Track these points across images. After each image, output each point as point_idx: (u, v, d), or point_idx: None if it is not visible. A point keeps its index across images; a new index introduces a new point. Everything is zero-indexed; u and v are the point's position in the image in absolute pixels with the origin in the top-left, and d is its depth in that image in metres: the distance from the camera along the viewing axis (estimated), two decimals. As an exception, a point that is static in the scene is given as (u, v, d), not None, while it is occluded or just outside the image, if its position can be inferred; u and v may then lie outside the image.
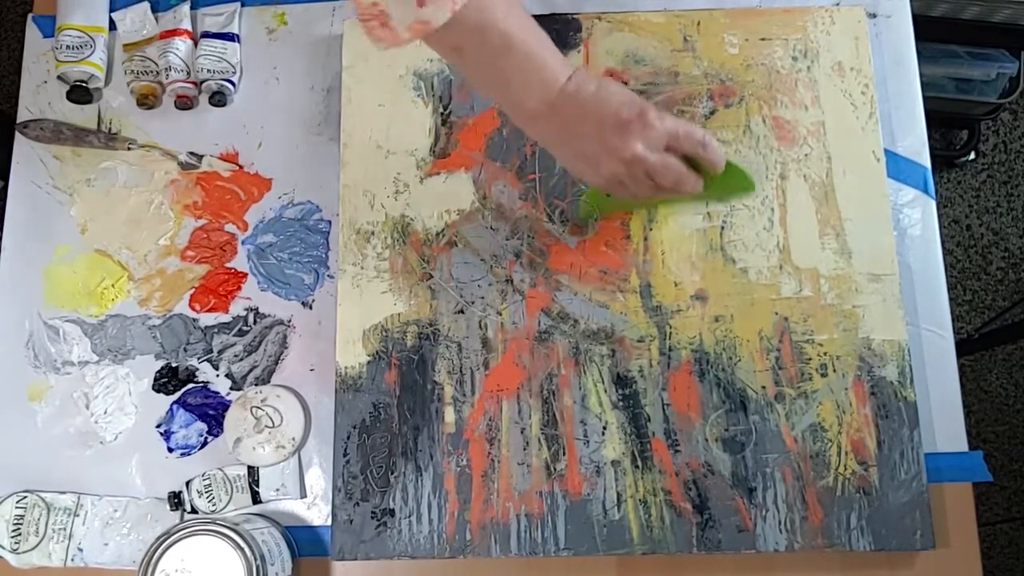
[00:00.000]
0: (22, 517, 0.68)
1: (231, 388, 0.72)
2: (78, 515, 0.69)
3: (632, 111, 0.57)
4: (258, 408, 0.69)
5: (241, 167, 0.77)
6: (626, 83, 0.74)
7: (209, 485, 0.69)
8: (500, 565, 0.68)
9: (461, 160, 0.73)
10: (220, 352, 0.73)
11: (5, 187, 0.78)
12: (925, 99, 0.77)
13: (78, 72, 0.77)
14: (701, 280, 0.70)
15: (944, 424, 0.70)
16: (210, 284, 0.74)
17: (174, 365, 0.72)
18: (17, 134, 0.78)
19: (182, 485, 0.69)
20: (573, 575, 0.68)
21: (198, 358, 0.73)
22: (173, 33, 0.78)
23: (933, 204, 0.75)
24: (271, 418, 0.69)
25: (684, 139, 0.59)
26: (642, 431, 0.67)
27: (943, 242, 0.74)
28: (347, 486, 0.67)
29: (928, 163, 0.76)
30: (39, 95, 0.79)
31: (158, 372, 0.72)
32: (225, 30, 0.79)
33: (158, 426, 0.71)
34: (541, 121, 0.59)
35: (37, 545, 0.68)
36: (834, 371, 0.68)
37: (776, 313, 0.69)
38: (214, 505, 0.69)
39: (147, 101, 0.78)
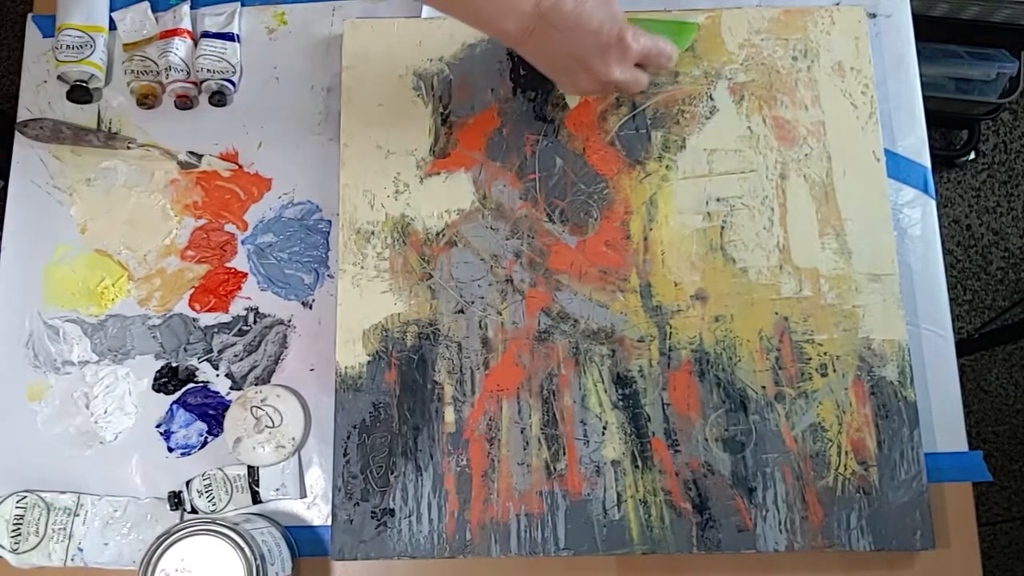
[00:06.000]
0: (22, 517, 0.68)
1: (231, 388, 0.72)
2: (78, 515, 0.69)
3: (611, 34, 0.60)
4: (258, 408, 0.69)
5: (241, 167, 0.77)
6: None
7: (209, 485, 0.69)
8: (500, 565, 0.68)
9: (461, 160, 0.73)
10: (220, 352, 0.73)
11: (5, 187, 0.78)
12: (925, 99, 0.77)
13: (78, 72, 0.77)
14: (701, 280, 0.70)
15: (944, 424, 0.70)
16: (210, 284, 0.74)
17: (174, 365, 0.72)
18: (17, 134, 0.78)
19: (182, 485, 0.69)
20: (573, 575, 0.68)
21: (198, 358, 0.73)
22: (173, 33, 0.78)
23: (933, 204, 0.75)
24: (271, 418, 0.69)
25: (655, 57, 0.63)
26: (642, 431, 0.67)
27: (943, 242, 0.74)
28: (347, 486, 0.67)
29: (928, 163, 0.76)
30: (39, 95, 0.79)
31: (158, 372, 0.72)
32: (225, 30, 0.78)
33: (158, 426, 0.71)
34: (525, 44, 0.62)
35: (37, 545, 0.68)
36: (834, 371, 0.68)
37: (776, 313, 0.69)
38: (214, 505, 0.69)
39: (147, 101, 0.78)
